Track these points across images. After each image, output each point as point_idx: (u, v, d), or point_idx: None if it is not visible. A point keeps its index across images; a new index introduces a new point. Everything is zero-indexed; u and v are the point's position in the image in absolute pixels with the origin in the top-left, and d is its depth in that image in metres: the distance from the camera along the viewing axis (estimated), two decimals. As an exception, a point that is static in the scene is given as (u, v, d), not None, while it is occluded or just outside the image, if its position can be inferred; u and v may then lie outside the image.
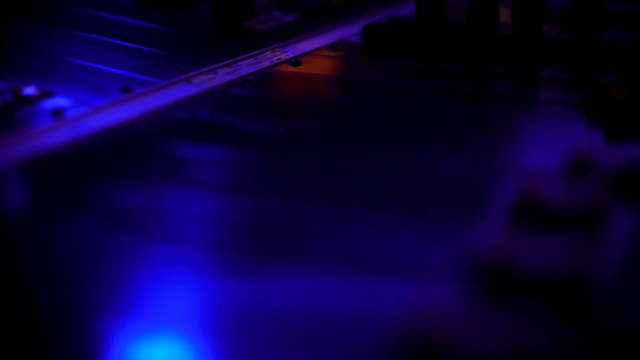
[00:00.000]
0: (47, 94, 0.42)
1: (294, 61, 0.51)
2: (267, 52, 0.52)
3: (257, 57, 0.51)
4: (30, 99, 0.41)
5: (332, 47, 0.55)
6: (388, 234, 0.26)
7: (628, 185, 0.29)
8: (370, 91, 0.44)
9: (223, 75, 0.47)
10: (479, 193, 0.29)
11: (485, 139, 0.36)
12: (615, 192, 0.29)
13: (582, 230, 0.25)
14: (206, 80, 0.46)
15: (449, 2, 0.67)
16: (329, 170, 0.33)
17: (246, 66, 0.49)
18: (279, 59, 0.51)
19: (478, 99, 0.42)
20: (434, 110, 0.40)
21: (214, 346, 0.21)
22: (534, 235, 0.24)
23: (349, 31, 0.59)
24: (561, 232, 0.25)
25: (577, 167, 0.30)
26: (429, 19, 0.55)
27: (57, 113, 0.40)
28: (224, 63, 0.49)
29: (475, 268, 0.23)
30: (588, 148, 0.31)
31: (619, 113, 0.38)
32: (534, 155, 0.34)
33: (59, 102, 0.41)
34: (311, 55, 0.53)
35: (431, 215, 0.28)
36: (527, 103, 0.42)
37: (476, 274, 0.23)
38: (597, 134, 0.37)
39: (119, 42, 0.52)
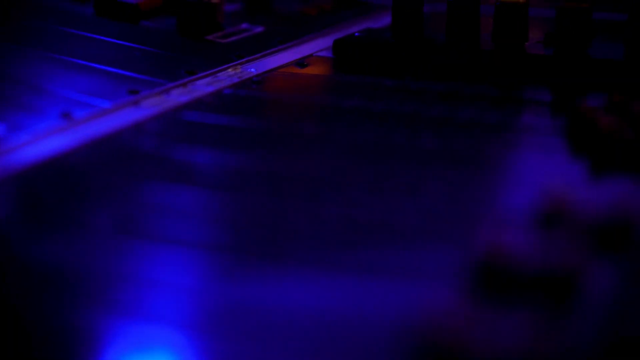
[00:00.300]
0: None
1: (257, 80, 0.47)
2: (229, 69, 0.48)
3: (217, 74, 0.47)
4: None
5: (300, 63, 0.51)
6: (329, 301, 0.23)
7: (610, 239, 0.26)
8: (334, 117, 0.41)
9: (176, 96, 0.43)
10: (437, 249, 0.26)
11: (453, 177, 0.32)
12: (594, 247, 0.25)
13: (553, 300, 0.22)
14: (157, 103, 0.42)
15: (428, 12, 0.63)
16: (271, 216, 0.29)
17: (204, 86, 0.45)
18: (240, 77, 0.47)
19: (450, 126, 0.39)
20: (399, 139, 0.37)
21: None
22: (493, 309, 0.21)
23: (321, 44, 0.55)
24: (527, 305, 0.21)
25: (552, 216, 0.26)
26: (405, 33, 0.51)
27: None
28: (179, 82, 0.45)
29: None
30: (565, 193, 0.27)
31: (603, 145, 0.34)
32: (506, 198, 0.30)
33: (-10, 128, 0.38)
34: (276, 72, 0.49)
35: (383, 275, 0.24)
36: (503, 131, 0.38)
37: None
38: (579, 170, 0.33)
39: (70, 59, 0.48)
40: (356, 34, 0.54)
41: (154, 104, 0.42)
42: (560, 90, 0.46)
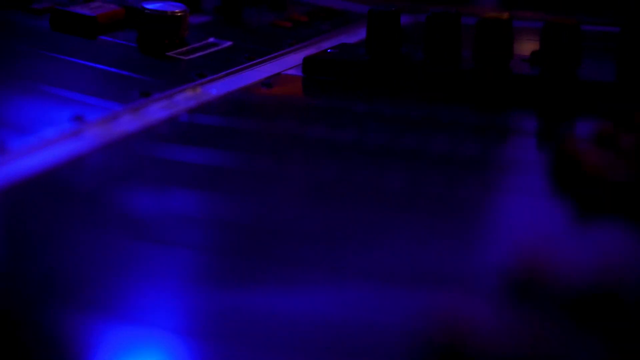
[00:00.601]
0: None
1: (216, 103, 0.43)
2: (188, 91, 0.45)
3: (174, 96, 0.44)
4: None
5: (266, 83, 0.47)
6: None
7: (592, 315, 0.22)
8: (293, 149, 0.37)
9: (125, 123, 0.39)
10: (383, 338, 0.22)
11: (418, 226, 0.28)
12: (576, 325, 0.21)
13: None
14: (102, 132, 0.38)
15: (411, 23, 0.59)
16: (207, 266, 0.26)
17: (158, 110, 0.41)
18: (199, 100, 0.43)
19: (422, 160, 0.35)
20: (363, 178, 0.33)
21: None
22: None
23: (292, 61, 0.51)
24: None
25: (528, 284, 0.23)
26: (380, 49, 0.47)
27: None
28: (130, 107, 0.41)
29: None
30: (544, 254, 0.24)
31: (590, 189, 0.30)
32: (476, 256, 0.27)
33: None
34: (239, 93, 0.45)
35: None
36: (481, 168, 0.34)
37: None
38: (563, 217, 0.29)
39: (11, 79, 0.44)
40: (329, 50, 0.50)
41: (98, 134, 0.38)
42: (546, 116, 0.42)
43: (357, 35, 0.57)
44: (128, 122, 0.40)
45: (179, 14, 0.52)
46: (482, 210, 0.31)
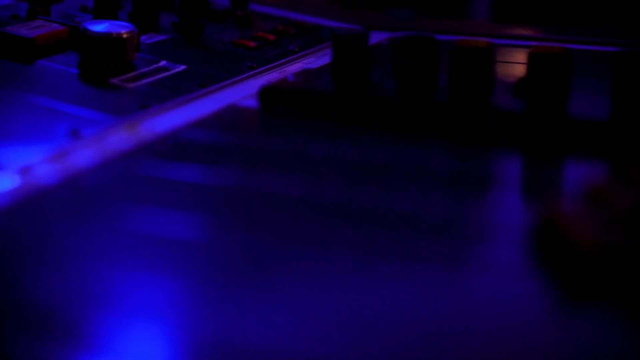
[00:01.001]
0: None
1: (154, 147, 0.38)
2: (126, 128, 0.39)
3: (108, 135, 0.38)
4: None
5: (217, 117, 0.42)
6: None
7: None
8: (222, 213, 0.31)
9: (42, 174, 0.34)
10: None
11: (354, 312, 0.23)
12: None
13: None
14: (13, 188, 0.33)
15: (386, 44, 0.54)
16: None
17: (85, 155, 0.36)
18: (135, 142, 0.38)
19: (373, 225, 0.29)
20: (296, 252, 0.27)
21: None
22: None
23: (248, 88, 0.46)
24: None
25: None
26: (347, 78, 0.42)
27: None
28: (52, 152, 0.36)
29: None
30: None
31: (577, 263, 0.25)
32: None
33: None
34: (183, 130, 0.40)
35: None
36: (444, 235, 0.29)
37: None
38: (547, 306, 0.24)
39: None
40: (290, 77, 0.45)
41: (8, 190, 0.33)
42: (530, 160, 0.37)
43: (327, 56, 0.52)
44: (46, 172, 0.34)
45: (125, 36, 0.47)
46: (443, 297, 0.25)
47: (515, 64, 0.51)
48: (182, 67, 0.49)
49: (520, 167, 0.36)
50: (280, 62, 0.52)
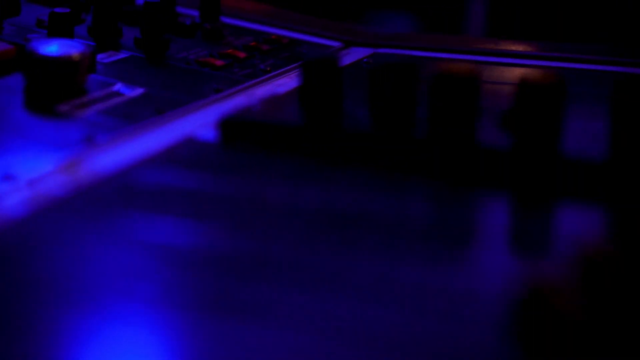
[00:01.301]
0: None
1: (96, 195, 0.33)
2: (66, 166, 0.35)
3: (45, 178, 0.34)
4: None
5: (171, 153, 0.37)
6: None
7: None
8: (169, 272, 0.27)
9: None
10: None
11: None
12: None
13: None
14: None
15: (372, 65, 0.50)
16: None
17: (17, 200, 0.32)
18: (74, 186, 0.34)
19: (332, 292, 0.25)
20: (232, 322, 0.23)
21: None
22: None
23: (213, 114, 0.42)
24: None
25: None
26: (314, 106, 0.38)
27: None
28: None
29: None
30: None
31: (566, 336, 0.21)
32: None
33: None
34: (131, 171, 0.35)
35: None
36: (419, 302, 0.25)
37: None
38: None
39: None
40: (255, 105, 0.40)
41: None
42: (516, 209, 0.33)
43: (294, 81, 0.48)
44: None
45: (75, 58, 0.43)
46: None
47: (506, 85, 0.47)
48: (140, 90, 0.45)
49: (501, 221, 0.32)
50: (249, 83, 0.47)
